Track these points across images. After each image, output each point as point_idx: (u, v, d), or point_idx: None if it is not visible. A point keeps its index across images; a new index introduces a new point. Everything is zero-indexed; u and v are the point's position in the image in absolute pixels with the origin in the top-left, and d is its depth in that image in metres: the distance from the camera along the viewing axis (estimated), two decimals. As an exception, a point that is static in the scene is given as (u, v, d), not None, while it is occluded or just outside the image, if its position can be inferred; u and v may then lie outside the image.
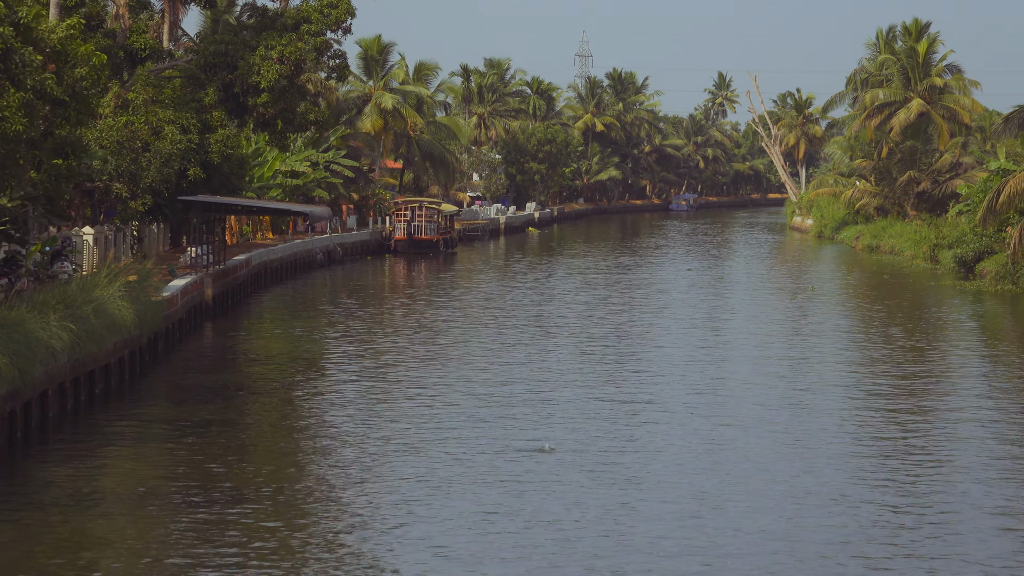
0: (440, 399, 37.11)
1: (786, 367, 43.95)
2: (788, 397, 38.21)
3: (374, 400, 37.12)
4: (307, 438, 32.48)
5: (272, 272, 73.82)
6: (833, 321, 57.86)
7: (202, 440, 31.37)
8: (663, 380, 40.69)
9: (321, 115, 59.99)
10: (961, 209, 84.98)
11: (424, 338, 50.62)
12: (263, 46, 57.89)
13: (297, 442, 31.92)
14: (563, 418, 34.44)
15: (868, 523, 24.61)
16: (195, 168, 56.43)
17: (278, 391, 38.94)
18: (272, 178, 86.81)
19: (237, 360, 45.62)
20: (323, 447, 31.28)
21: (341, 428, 33.31)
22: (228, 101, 59.07)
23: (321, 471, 28.68)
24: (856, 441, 32.11)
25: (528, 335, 51.14)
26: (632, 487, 27.14)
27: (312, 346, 48.94)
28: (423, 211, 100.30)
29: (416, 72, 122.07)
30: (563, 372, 42.11)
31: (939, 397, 38.59)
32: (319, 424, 34.27)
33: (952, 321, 57.89)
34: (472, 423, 33.50)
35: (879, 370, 43.19)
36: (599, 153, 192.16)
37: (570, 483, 27.40)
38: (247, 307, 61.75)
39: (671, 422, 34.00)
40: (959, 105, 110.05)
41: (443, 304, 63.47)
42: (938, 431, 33.69)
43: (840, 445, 31.51)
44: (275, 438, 32.22)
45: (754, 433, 32.73)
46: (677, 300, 65.83)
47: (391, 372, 42.21)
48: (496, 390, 38.53)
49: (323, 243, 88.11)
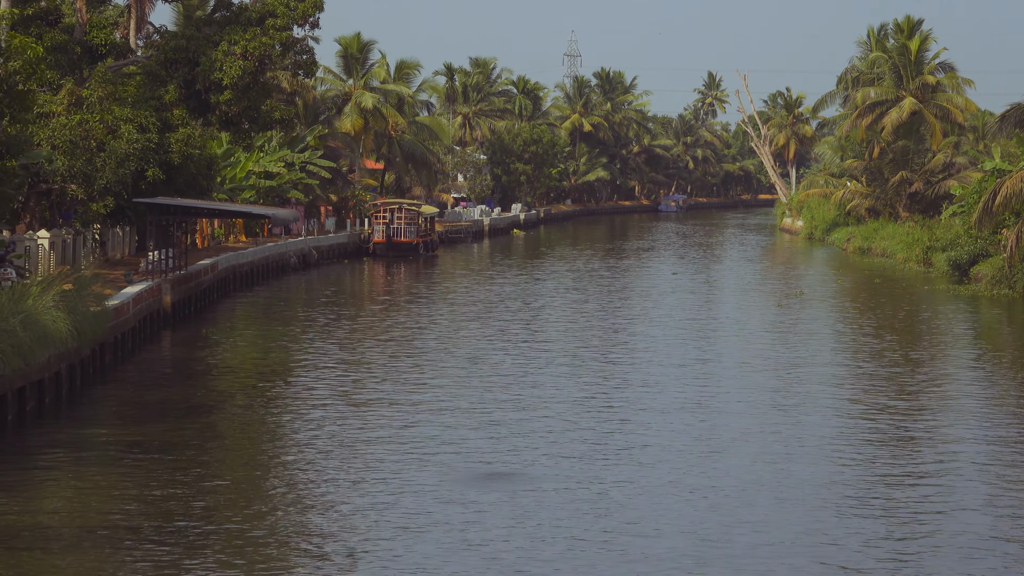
0: (415, 416, 34.54)
1: (772, 380, 41.47)
2: (774, 415, 35.77)
3: (343, 418, 34.51)
4: (266, 463, 29.81)
5: (241, 277, 71.15)
6: (822, 329, 55.35)
7: (145, 466, 28.73)
8: (644, 397, 38.16)
9: (287, 113, 57.34)
10: (955, 211, 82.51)
11: (398, 348, 48.04)
12: (226, 41, 55.25)
13: (254, 469, 29.25)
14: (545, 434, 32.19)
15: (860, 549, 22.82)
16: (154, 169, 53.84)
17: (235, 408, 36.27)
18: (245, 179, 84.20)
19: (194, 373, 42.95)
20: (286, 474, 28.67)
21: (305, 451, 30.74)
22: (190, 99, 56.42)
23: (284, 502, 26.02)
24: (846, 460, 29.70)
25: (507, 345, 48.58)
26: (615, 512, 24.94)
27: (276, 357, 46.34)
28: (402, 213, 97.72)
29: (397, 71, 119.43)
30: (542, 386, 39.54)
31: (935, 412, 36.11)
32: (281, 446, 31.63)
33: (947, 328, 55.41)
34: (445, 445, 30.94)
35: (871, 383, 40.69)
36: (587, 154, 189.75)
37: (552, 505, 25.41)
38: (211, 314, 59.09)
39: (652, 446, 31.49)
40: (952, 104, 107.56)
41: (419, 311, 60.91)
42: (933, 449, 31.39)
43: (827, 464, 29.16)
44: (230, 464, 29.50)
45: (737, 458, 30.28)
46: (660, 307, 63.30)
47: (363, 386, 39.57)
48: (474, 407, 36.01)
49: (297, 246, 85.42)
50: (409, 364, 43.93)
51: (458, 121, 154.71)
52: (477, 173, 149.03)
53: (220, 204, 57.22)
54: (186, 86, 56.19)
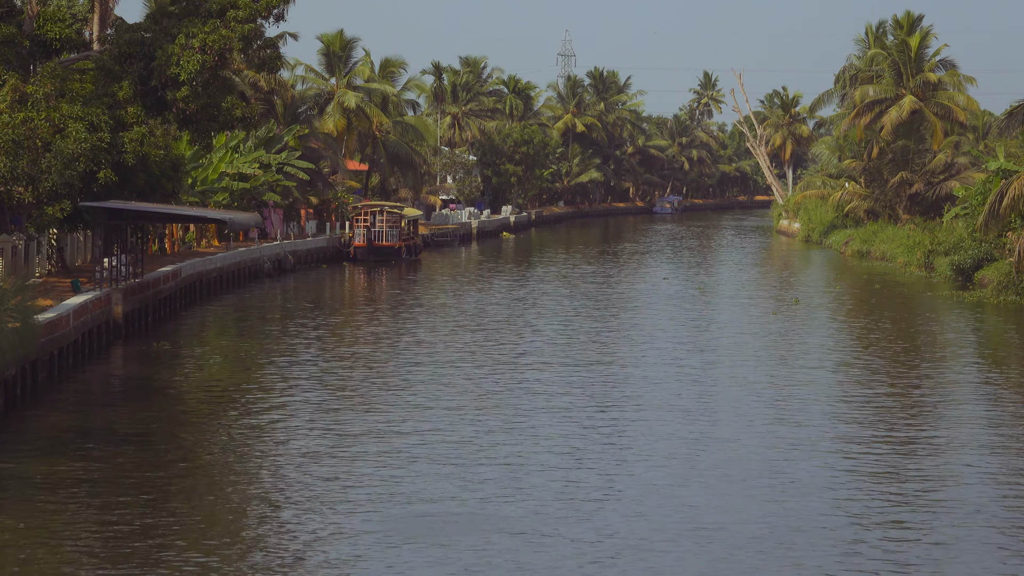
0: (386, 438, 31.15)
1: (766, 396, 38.18)
2: (769, 431, 32.65)
3: (308, 445, 31.17)
4: (219, 505, 26.32)
5: (209, 284, 67.60)
6: (818, 339, 51.95)
7: (69, 509, 25.35)
8: (634, 413, 34.76)
9: (250, 111, 53.85)
10: (958, 213, 79.14)
11: (372, 363, 44.62)
12: (183, 34, 51.76)
13: (205, 512, 25.76)
14: (533, 452, 29.89)
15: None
16: (106, 170, 50.34)
17: (184, 436, 32.76)
18: (217, 181, 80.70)
19: (140, 393, 39.48)
20: (240, 521, 25.24)
21: (263, 484, 27.39)
22: (146, 96, 52.93)
23: (238, 554, 22.67)
24: (846, 479, 26.63)
25: (489, 364, 45.17)
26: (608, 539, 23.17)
27: (237, 374, 42.87)
28: (384, 216, 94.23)
29: (382, 69, 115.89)
30: (528, 413, 36.14)
31: (939, 429, 32.80)
32: (235, 483, 28.15)
33: (953, 339, 52.03)
34: (420, 470, 27.58)
35: (871, 398, 37.33)
36: (580, 155, 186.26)
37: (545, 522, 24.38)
38: (171, 326, 55.52)
39: (643, 463, 28.18)
40: (953, 102, 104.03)
41: (398, 323, 57.52)
42: (937, 467, 28.87)
43: (827, 481, 26.95)
44: (175, 506, 26.01)
45: (731, 476, 27.51)
46: (649, 319, 59.86)
47: (334, 410, 36.11)
48: (455, 427, 32.69)
49: (272, 251, 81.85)
50: (382, 383, 40.51)
51: (447, 121, 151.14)
52: (466, 175, 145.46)
53: (171, 208, 53.66)
54: (141, 82, 52.70)
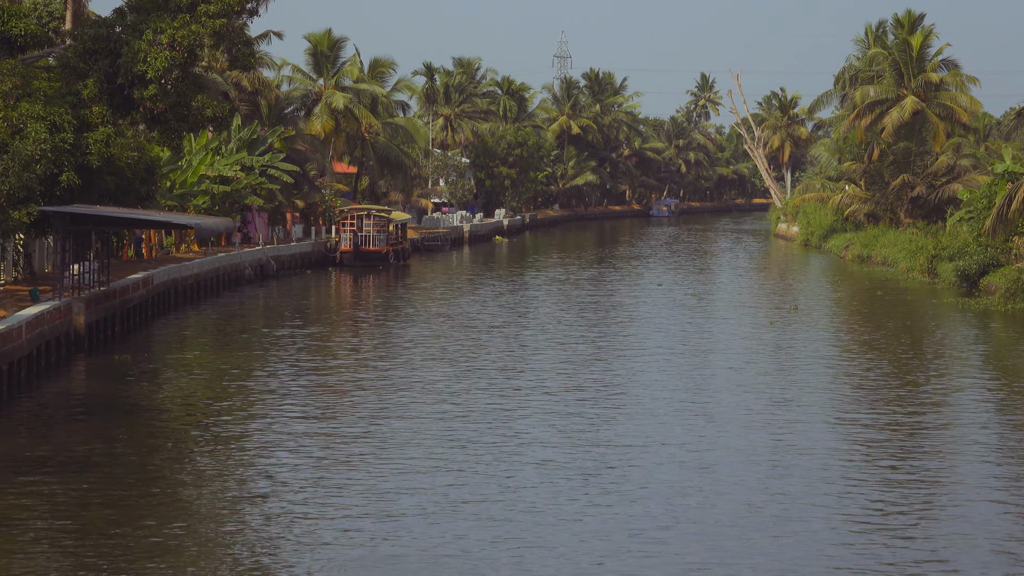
0: (367, 466, 28.56)
1: (763, 409, 35.58)
2: (767, 451, 30.25)
3: (279, 473, 28.60)
4: (180, 545, 23.74)
5: (185, 291, 64.96)
6: (818, 349, 49.40)
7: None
8: (625, 445, 32.17)
9: (221, 111, 51.21)
10: (962, 216, 76.64)
11: (357, 378, 42.06)
12: (151, 30, 49.10)
13: (164, 554, 23.21)
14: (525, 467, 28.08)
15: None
16: (69, 173, 47.73)
17: (137, 459, 30.17)
18: (197, 184, 78.09)
19: (97, 411, 36.82)
20: (198, 552, 22.68)
21: (232, 521, 24.85)
22: (112, 94, 50.26)
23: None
24: (850, 500, 25.62)
25: (477, 379, 42.60)
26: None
27: (202, 388, 40.30)
28: (371, 219, 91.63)
29: (371, 69, 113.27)
30: (517, 432, 33.56)
31: (945, 446, 30.23)
32: (200, 519, 25.54)
33: (959, 348, 49.47)
34: (405, 508, 25.00)
35: (874, 414, 34.72)
36: (575, 157, 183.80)
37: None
38: (139, 337, 52.86)
39: (640, 483, 25.63)
40: (956, 103, 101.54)
41: (383, 332, 54.97)
42: (944, 488, 27.26)
43: (830, 502, 25.54)
44: (127, 545, 23.48)
45: (730, 497, 25.02)
46: (643, 329, 57.29)
47: (307, 432, 33.52)
48: (436, 449, 30.10)
49: (254, 256, 79.18)
50: (366, 398, 37.92)
51: (439, 123, 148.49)
52: (459, 177, 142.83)
53: (135, 213, 50.99)
54: (107, 80, 50.00)
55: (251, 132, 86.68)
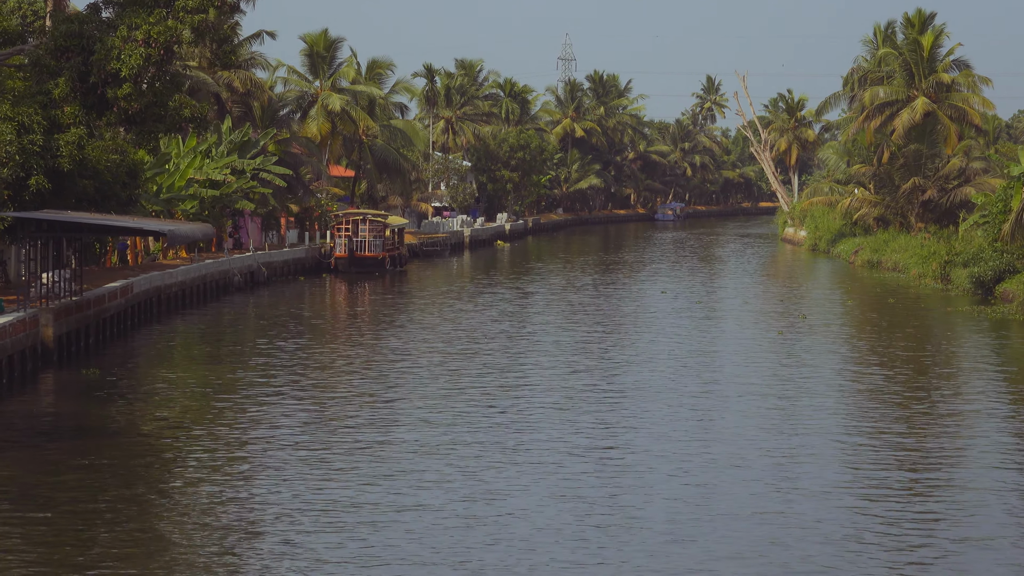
0: (357, 493, 25.99)
1: (771, 428, 33.07)
2: (776, 472, 28.34)
3: (256, 506, 26.08)
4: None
5: (169, 300, 62.37)
6: (828, 361, 46.86)
7: None
8: (626, 450, 29.61)
9: (200, 111, 48.66)
10: (976, 221, 73.94)
11: (348, 393, 39.49)
12: (125, 25, 46.55)
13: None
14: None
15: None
16: (38, 176, 45.27)
17: (100, 488, 27.62)
18: (185, 188, 75.55)
19: (60, 432, 34.24)
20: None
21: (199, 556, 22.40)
22: (85, 94, 47.73)
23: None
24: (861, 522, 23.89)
25: (476, 392, 40.07)
26: None
27: (174, 406, 37.70)
28: (367, 224, 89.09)
29: (369, 70, 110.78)
30: (518, 447, 31.00)
31: (964, 467, 27.67)
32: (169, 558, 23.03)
33: (978, 361, 46.87)
34: (397, 539, 22.46)
35: (888, 430, 32.14)
36: (579, 160, 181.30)
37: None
38: (115, 349, 50.17)
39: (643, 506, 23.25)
40: (968, 104, 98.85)
41: (376, 343, 52.43)
42: (963, 511, 25.27)
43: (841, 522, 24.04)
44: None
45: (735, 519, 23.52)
46: (645, 338, 54.71)
47: (295, 457, 30.98)
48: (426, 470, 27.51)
49: (244, 262, 76.60)
50: (354, 420, 35.35)
51: (440, 126, 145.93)
52: (460, 181, 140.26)
53: (104, 219, 48.35)
54: (80, 79, 47.43)
55: (242, 134, 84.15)
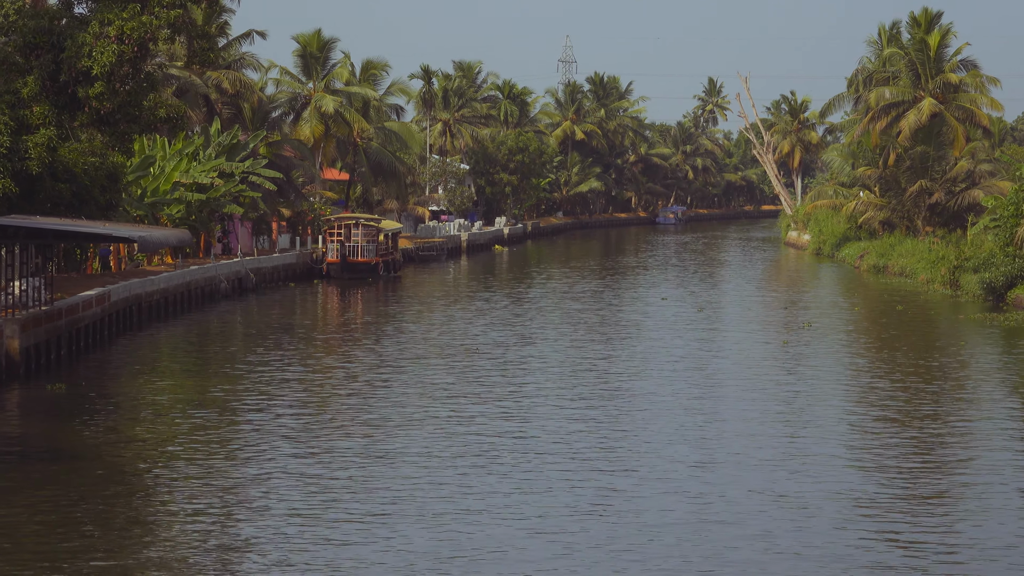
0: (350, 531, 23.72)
1: (776, 445, 30.77)
2: (782, 491, 26.07)
3: (243, 546, 23.82)
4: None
5: (150, 309, 60.04)
6: (835, 372, 44.58)
7: None
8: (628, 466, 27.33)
9: (176, 111, 46.40)
10: (988, 224, 71.61)
11: (337, 410, 37.16)
12: (97, 21, 44.36)
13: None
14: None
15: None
16: (5, 180, 43.05)
17: (58, 520, 25.36)
18: (171, 192, 73.26)
19: (14, 454, 31.95)
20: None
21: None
22: (57, 93, 45.53)
23: None
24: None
25: (469, 408, 37.77)
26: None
27: (146, 424, 35.38)
28: (360, 229, 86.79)
29: (363, 71, 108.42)
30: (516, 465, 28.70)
31: (979, 485, 25.40)
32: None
33: (994, 372, 44.50)
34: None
35: (901, 444, 29.85)
36: (579, 163, 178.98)
37: None
38: (88, 362, 47.77)
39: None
40: (976, 105, 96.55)
41: (369, 355, 50.09)
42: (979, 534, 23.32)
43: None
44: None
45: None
46: (645, 349, 52.39)
47: (275, 486, 28.69)
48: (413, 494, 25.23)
49: (231, 268, 74.26)
50: (350, 443, 33.02)
51: (438, 128, 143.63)
52: (458, 184, 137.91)
53: (72, 225, 45.87)
54: (50, 78, 45.29)
55: (231, 137, 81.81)
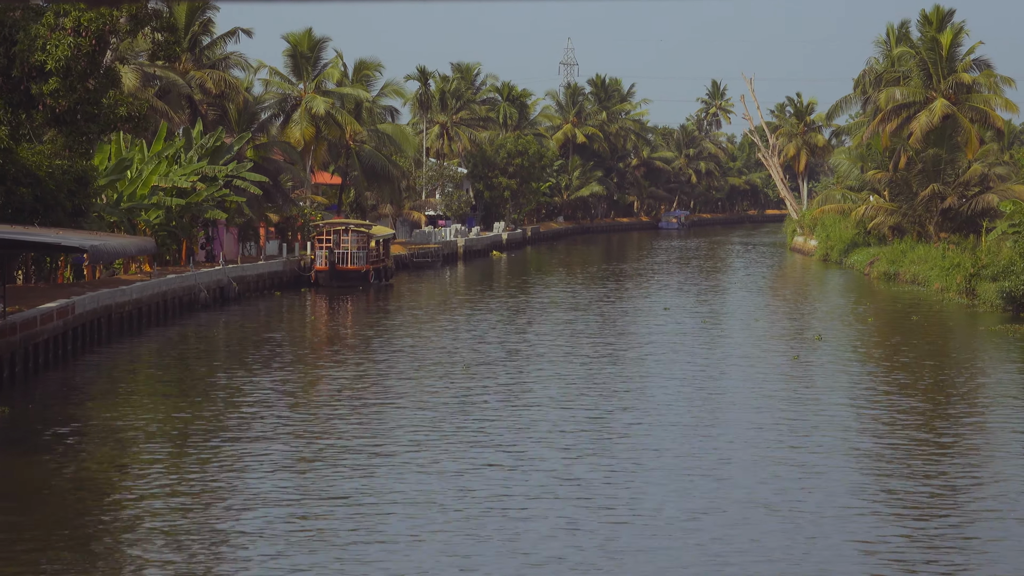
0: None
1: (786, 473, 27.50)
2: (792, 519, 24.08)
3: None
4: None
5: (121, 321, 56.67)
6: (849, 389, 41.28)
7: None
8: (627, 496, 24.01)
9: (137, 109, 43.13)
10: (1006, 230, 68.23)
11: (319, 436, 33.85)
12: (51, 12, 41.11)
13: None
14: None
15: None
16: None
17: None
18: (149, 196, 69.94)
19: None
20: None
21: None
22: (10, 90, 42.25)
23: None
24: None
25: (460, 430, 34.43)
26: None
27: (102, 451, 32.13)
28: (350, 235, 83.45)
29: (356, 72, 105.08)
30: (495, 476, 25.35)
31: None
32: None
33: (1018, 386, 41.17)
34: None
35: (921, 468, 26.60)
36: (580, 167, 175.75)
37: None
38: (46, 380, 44.38)
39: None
40: (990, 106, 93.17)
41: (357, 373, 46.77)
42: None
43: None
44: None
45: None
46: (646, 362, 49.03)
47: (246, 525, 25.39)
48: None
49: (212, 277, 70.88)
50: (338, 470, 29.67)
51: (435, 131, 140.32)
52: (456, 189, 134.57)
53: (11, 232, 42.47)
54: (2, 73, 42.01)
55: (214, 139, 78.44)
